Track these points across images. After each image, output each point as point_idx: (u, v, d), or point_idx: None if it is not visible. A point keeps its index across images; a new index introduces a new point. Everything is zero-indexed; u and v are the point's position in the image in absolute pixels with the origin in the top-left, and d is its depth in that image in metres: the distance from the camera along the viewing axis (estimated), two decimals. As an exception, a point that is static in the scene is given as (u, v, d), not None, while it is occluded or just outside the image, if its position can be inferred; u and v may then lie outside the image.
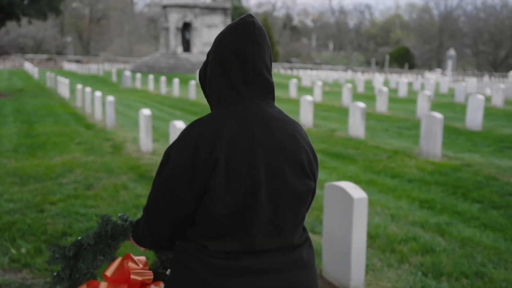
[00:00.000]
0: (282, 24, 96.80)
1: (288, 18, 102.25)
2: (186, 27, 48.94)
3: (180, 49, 47.73)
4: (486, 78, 50.22)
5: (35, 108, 18.43)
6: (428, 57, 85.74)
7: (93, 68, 50.08)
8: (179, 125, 7.68)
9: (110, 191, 6.73)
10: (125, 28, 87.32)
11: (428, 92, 14.88)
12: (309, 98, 12.84)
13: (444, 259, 4.47)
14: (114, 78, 38.26)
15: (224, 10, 49.38)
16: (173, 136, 7.83)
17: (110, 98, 12.85)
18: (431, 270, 4.27)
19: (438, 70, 54.93)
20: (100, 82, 36.53)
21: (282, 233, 1.62)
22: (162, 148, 10.02)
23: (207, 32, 48.49)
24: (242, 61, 1.60)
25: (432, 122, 9.28)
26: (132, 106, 19.25)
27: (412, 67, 74.86)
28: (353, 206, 3.79)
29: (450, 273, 4.19)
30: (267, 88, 1.65)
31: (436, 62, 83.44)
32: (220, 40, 1.65)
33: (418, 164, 8.59)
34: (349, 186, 3.93)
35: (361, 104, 11.26)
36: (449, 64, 53.00)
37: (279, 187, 1.59)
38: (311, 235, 5.16)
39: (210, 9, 48.82)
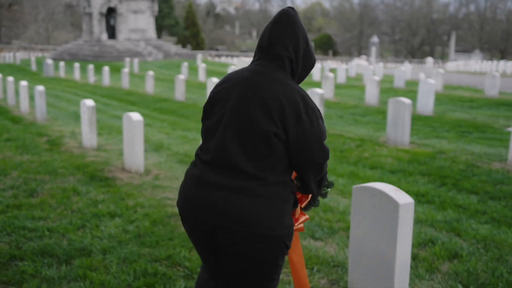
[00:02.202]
0: (206, 11, 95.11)
1: (212, 5, 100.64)
2: (110, 13, 46.33)
3: (105, 35, 45.04)
4: (406, 64, 51.63)
5: None
6: (349, 44, 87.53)
7: (8, 56, 46.50)
8: (136, 117, 6.67)
9: (59, 197, 5.67)
10: (40, 14, 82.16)
11: (377, 77, 14.56)
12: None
13: (476, 265, 3.89)
14: (33, 67, 35.62)
15: (150, -5, 47.18)
16: (128, 131, 6.81)
17: (40, 88, 11.44)
18: (469, 280, 3.67)
19: (364, 57, 55.89)
20: (18, 71, 33.80)
21: (235, 158, 2.04)
22: (108, 143, 8.91)
23: (133, 18, 46.18)
24: (262, 34, 2.21)
25: (400, 108, 8.82)
26: (61, 97, 17.64)
27: (335, 54, 76.05)
28: (399, 214, 3.09)
29: (494, 284, 3.61)
30: (274, 56, 2.16)
31: (357, 49, 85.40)
32: None
33: (391, 153, 8.10)
34: (389, 189, 3.21)
35: (319, 91, 10.63)
36: (373, 50, 54.14)
37: (241, 121, 2.05)
38: (311, 240, 4.42)
39: (136, -6, 46.43)
